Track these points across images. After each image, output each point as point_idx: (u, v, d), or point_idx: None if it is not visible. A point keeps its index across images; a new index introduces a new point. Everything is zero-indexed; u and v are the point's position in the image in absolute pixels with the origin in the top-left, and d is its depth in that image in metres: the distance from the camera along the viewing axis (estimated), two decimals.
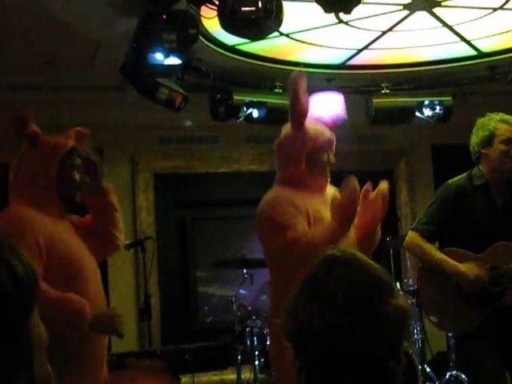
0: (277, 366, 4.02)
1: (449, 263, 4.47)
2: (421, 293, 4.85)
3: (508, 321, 4.42)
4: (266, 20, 4.59)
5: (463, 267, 4.43)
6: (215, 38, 6.42)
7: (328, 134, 4.01)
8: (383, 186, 4.01)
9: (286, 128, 4.01)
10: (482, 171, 4.56)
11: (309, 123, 3.94)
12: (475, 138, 4.58)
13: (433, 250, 4.55)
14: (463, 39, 6.92)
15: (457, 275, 4.44)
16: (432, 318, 4.69)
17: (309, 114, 3.93)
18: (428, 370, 7.07)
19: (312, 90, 7.47)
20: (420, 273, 4.76)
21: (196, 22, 5.18)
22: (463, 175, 4.66)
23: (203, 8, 5.36)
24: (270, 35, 5.63)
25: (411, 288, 7.57)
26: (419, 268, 4.78)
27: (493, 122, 4.50)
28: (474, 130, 4.61)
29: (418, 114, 7.67)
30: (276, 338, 3.93)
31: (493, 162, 4.53)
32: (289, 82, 4.01)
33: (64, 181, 3.56)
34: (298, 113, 3.90)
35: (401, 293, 6.91)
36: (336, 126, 4.13)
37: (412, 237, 4.67)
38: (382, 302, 1.79)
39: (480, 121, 4.58)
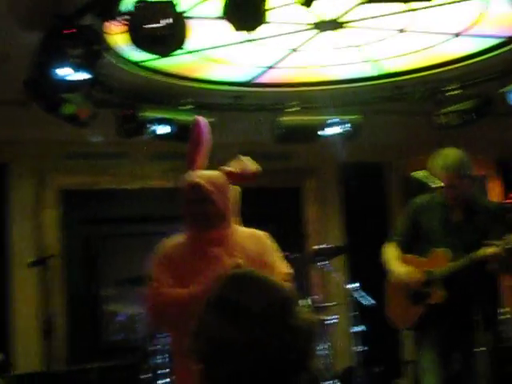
0: None
1: (393, 266, 5.29)
2: (386, 295, 5.49)
3: (445, 318, 5.04)
4: (171, 37, 4.57)
5: (402, 271, 5.20)
6: (122, 54, 6.37)
7: (195, 179, 3.93)
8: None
9: None
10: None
11: (197, 170, 4.00)
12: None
13: (388, 256, 5.37)
14: (369, 59, 7.03)
15: (396, 277, 5.24)
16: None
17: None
18: None
19: (220, 107, 7.57)
20: (387, 279, 5.44)
21: (101, 37, 5.12)
22: (428, 194, 5.30)
23: (110, 23, 5.31)
24: (178, 52, 5.61)
25: (318, 305, 7.63)
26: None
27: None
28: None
29: (325, 132, 7.75)
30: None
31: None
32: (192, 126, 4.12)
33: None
34: (188, 156, 4.02)
35: (311, 309, 6.96)
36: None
37: (385, 247, 5.45)
38: (293, 316, 1.81)
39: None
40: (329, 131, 7.78)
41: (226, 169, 4.02)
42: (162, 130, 7.22)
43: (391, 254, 5.37)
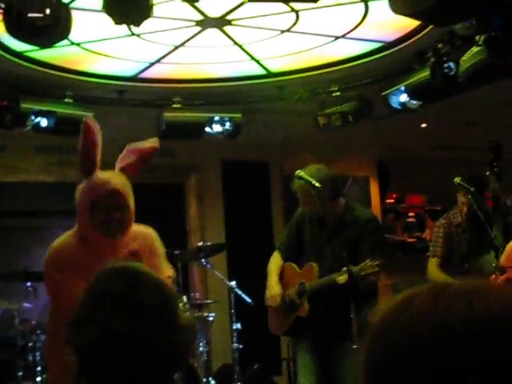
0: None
1: (268, 278, 5.41)
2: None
3: (314, 329, 5.20)
4: (54, 27, 4.48)
5: (271, 285, 5.36)
6: (2, 43, 6.22)
7: (113, 185, 3.80)
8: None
9: None
10: None
11: (101, 172, 3.83)
12: None
13: (271, 266, 5.47)
14: (253, 58, 7.10)
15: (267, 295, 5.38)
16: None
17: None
18: (213, 382, 7.16)
19: (103, 101, 7.48)
20: None
21: None
22: None
23: None
24: (60, 43, 5.51)
25: (198, 301, 7.65)
26: None
27: None
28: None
29: (208, 129, 7.77)
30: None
31: None
32: (81, 126, 3.86)
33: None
34: (86, 162, 3.80)
35: (188, 306, 6.96)
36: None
37: (272, 254, 5.56)
38: (177, 314, 1.85)
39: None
40: (211, 128, 7.80)
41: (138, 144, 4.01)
42: (45, 122, 7.08)
43: (273, 266, 5.48)
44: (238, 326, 7.10)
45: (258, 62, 7.20)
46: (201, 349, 7.16)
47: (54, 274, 3.84)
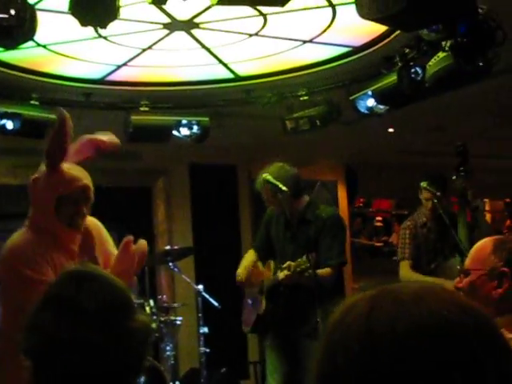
0: None
1: (239, 268, 5.60)
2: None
3: (276, 326, 5.38)
4: (19, 28, 4.44)
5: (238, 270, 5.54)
6: None
7: (84, 181, 3.78)
8: (143, 244, 3.98)
9: (43, 166, 3.79)
10: None
11: (67, 166, 3.77)
12: None
13: (243, 262, 5.66)
14: (221, 62, 7.08)
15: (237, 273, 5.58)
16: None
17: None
18: None
19: (69, 103, 7.42)
20: None
21: None
22: None
23: None
24: (26, 45, 5.47)
25: (165, 305, 7.62)
26: None
27: None
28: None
29: (175, 132, 7.74)
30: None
31: None
32: (57, 119, 3.81)
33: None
34: (56, 154, 3.73)
35: (154, 310, 6.93)
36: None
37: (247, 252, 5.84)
38: (130, 318, 1.80)
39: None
40: (180, 132, 7.77)
41: (97, 138, 4.00)
42: (10, 124, 7.01)
43: (245, 259, 5.67)
44: (206, 329, 7.08)
45: (225, 65, 7.19)
46: (168, 353, 7.14)
47: (23, 271, 3.65)
